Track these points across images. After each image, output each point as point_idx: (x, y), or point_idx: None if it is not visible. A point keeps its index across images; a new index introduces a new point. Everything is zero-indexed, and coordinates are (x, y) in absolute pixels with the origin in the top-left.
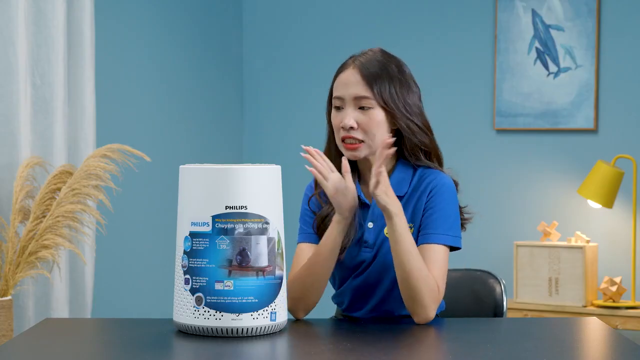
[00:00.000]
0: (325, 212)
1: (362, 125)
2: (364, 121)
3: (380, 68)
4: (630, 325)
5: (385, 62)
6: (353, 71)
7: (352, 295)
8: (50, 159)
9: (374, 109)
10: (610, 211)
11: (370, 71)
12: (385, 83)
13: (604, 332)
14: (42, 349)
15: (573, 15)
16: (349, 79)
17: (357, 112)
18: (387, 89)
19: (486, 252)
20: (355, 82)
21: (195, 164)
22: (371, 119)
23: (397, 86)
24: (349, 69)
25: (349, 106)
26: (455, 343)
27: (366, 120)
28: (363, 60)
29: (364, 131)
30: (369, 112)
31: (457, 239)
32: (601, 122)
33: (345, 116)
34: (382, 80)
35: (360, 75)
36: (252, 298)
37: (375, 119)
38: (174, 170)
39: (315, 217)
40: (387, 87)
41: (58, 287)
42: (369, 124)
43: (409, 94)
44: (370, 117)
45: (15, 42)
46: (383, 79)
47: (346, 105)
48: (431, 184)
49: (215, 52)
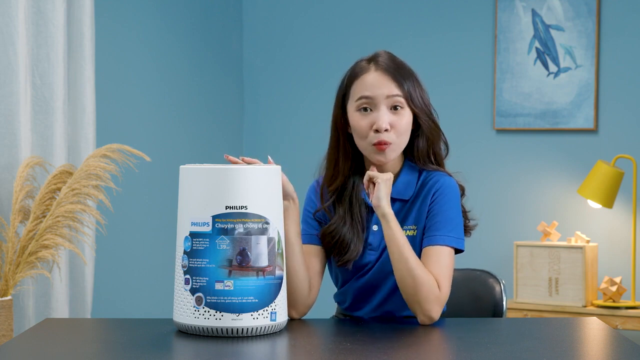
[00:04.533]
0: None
1: (395, 126)
2: (397, 122)
3: (401, 68)
4: (630, 325)
5: (402, 63)
6: (378, 72)
7: (354, 295)
8: (50, 159)
9: (405, 109)
10: (610, 211)
11: (397, 71)
12: (410, 83)
13: (604, 332)
14: (42, 349)
15: (573, 15)
16: (377, 80)
17: (390, 113)
18: (413, 88)
19: (486, 252)
20: (385, 81)
21: (195, 164)
22: (403, 119)
23: (418, 86)
24: (371, 71)
25: (381, 107)
26: (455, 343)
27: (398, 121)
28: (383, 60)
29: (397, 133)
30: (401, 113)
31: (460, 241)
32: (601, 122)
33: (379, 118)
34: (407, 80)
35: (389, 75)
36: (252, 298)
37: (406, 119)
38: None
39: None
40: (413, 86)
41: (58, 287)
42: (401, 125)
43: (424, 94)
44: (402, 118)
45: (15, 42)
46: (407, 78)
47: (377, 106)
48: (435, 186)
49: (215, 52)
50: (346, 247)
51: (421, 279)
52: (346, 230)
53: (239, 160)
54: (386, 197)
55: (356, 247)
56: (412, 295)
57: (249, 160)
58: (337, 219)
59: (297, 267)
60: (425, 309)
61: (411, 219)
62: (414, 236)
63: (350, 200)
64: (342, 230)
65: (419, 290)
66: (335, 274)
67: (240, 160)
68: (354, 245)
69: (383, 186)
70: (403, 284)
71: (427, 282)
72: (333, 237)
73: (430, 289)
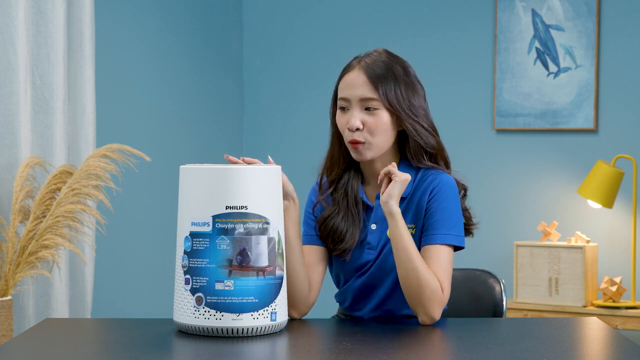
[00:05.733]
0: (327, 214)
1: (368, 126)
2: (369, 122)
3: (386, 69)
4: (630, 325)
5: (391, 63)
6: (358, 72)
7: (354, 294)
8: (50, 159)
9: (380, 110)
10: (610, 211)
11: (376, 72)
12: (391, 84)
13: (604, 332)
14: (42, 349)
15: (573, 15)
16: (354, 80)
17: (363, 113)
18: (393, 90)
19: (486, 252)
20: (361, 83)
21: (195, 164)
22: (377, 120)
23: (402, 87)
24: (354, 70)
25: (354, 107)
26: (455, 343)
27: (372, 121)
28: (368, 61)
29: (370, 132)
30: (375, 114)
31: (460, 239)
32: (601, 122)
33: (351, 117)
34: (387, 82)
35: (366, 77)
36: (252, 298)
37: (381, 121)
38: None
39: (317, 220)
40: (393, 88)
41: (58, 287)
42: (374, 125)
43: (414, 96)
44: (376, 119)
45: (15, 42)
46: (388, 80)
47: (352, 106)
48: (432, 184)
49: (215, 52)
50: (342, 236)
51: (425, 280)
52: (341, 218)
53: (239, 160)
54: (397, 196)
55: (352, 236)
56: (415, 295)
57: (249, 161)
58: (332, 208)
59: (297, 267)
60: (428, 310)
61: (409, 217)
62: (413, 235)
63: (346, 191)
64: (336, 218)
65: (422, 291)
66: (335, 274)
67: (241, 161)
68: (349, 234)
69: (398, 185)
70: (407, 284)
71: (431, 283)
72: (328, 225)
73: (434, 291)
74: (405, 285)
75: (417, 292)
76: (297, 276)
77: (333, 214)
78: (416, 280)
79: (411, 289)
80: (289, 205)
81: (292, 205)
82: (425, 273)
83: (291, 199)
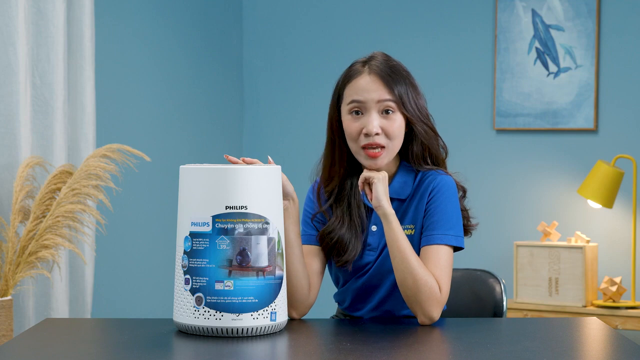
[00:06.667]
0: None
1: (385, 130)
2: (387, 126)
3: (395, 72)
4: (630, 325)
5: (397, 66)
6: (370, 76)
7: (353, 295)
8: (50, 159)
9: (396, 113)
10: (610, 211)
11: (389, 74)
12: (403, 87)
13: (604, 332)
14: (42, 349)
15: (573, 15)
16: (368, 84)
17: (380, 117)
18: (405, 92)
19: (486, 252)
20: (377, 86)
21: (195, 164)
22: (394, 123)
23: (410, 90)
24: (364, 74)
25: (372, 111)
26: (455, 343)
27: (389, 125)
28: (376, 64)
29: (388, 137)
30: (392, 117)
31: (460, 239)
32: (601, 122)
33: (369, 122)
34: (400, 84)
35: (381, 80)
36: (252, 298)
37: (397, 124)
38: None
39: (319, 233)
40: (405, 91)
41: (58, 287)
42: (392, 129)
43: (419, 98)
44: (393, 122)
45: (15, 42)
46: (400, 82)
47: (368, 110)
48: (431, 185)
49: (215, 52)
50: (345, 248)
51: (423, 280)
52: (344, 231)
53: (239, 160)
54: (385, 196)
55: (355, 247)
56: (413, 296)
57: (249, 161)
58: (335, 220)
59: (297, 267)
60: (426, 310)
61: (409, 218)
62: (412, 235)
63: (349, 201)
64: (340, 231)
65: (420, 292)
66: (335, 274)
67: (241, 161)
68: (352, 245)
69: (380, 185)
70: (404, 285)
71: (429, 283)
72: (332, 239)
73: (431, 291)
74: (402, 286)
75: (414, 293)
76: (297, 276)
77: (336, 228)
78: (413, 281)
79: (408, 289)
80: (289, 205)
81: (292, 205)
82: (421, 273)
83: (291, 199)
